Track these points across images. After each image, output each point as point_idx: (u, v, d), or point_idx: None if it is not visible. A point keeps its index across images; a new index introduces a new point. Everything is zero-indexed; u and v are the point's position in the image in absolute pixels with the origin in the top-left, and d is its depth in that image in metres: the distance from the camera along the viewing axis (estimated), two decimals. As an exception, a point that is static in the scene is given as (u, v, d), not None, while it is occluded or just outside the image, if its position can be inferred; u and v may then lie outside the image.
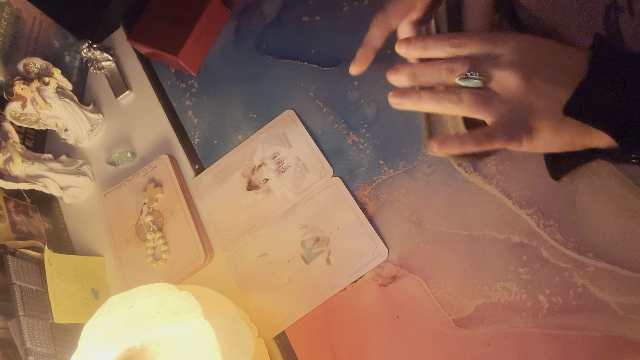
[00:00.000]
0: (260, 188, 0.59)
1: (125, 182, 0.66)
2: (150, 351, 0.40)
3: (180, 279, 0.58)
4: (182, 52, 0.65)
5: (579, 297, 0.43)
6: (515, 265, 0.45)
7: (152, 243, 0.60)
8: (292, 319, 0.52)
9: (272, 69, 0.64)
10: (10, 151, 0.61)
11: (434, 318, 0.47)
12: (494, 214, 0.48)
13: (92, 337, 0.41)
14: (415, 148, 0.53)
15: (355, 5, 0.62)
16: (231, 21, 0.70)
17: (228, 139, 0.63)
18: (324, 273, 0.52)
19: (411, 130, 0.54)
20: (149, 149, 0.69)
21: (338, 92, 0.59)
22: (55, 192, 0.66)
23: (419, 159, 0.53)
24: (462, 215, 0.49)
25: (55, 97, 0.65)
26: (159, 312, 0.41)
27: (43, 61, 0.65)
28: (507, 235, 0.47)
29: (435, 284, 0.48)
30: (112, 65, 0.75)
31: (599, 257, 0.43)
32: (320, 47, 0.62)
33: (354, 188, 0.55)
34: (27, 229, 0.62)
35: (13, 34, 0.67)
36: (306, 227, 0.55)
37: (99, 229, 0.66)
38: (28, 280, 0.54)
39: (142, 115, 0.71)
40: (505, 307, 0.45)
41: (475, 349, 0.45)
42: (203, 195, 0.61)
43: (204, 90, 0.68)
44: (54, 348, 0.52)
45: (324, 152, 0.57)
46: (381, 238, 0.51)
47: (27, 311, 0.51)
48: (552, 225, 0.45)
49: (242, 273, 0.56)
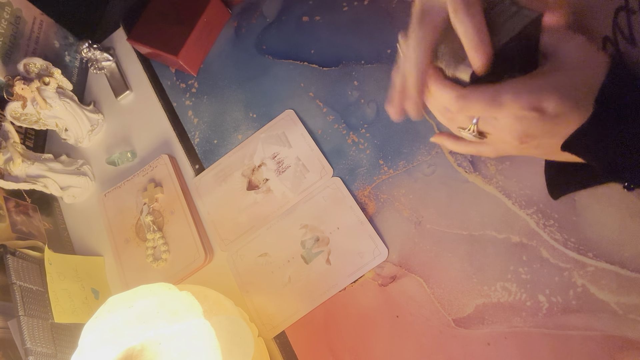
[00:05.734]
0: (260, 188, 0.59)
1: (125, 182, 0.66)
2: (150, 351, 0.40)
3: (180, 278, 0.58)
4: (182, 52, 0.65)
5: (579, 297, 0.43)
6: (515, 265, 0.46)
7: (152, 243, 0.60)
8: (292, 319, 0.52)
9: (272, 69, 0.64)
10: (10, 151, 0.61)
11: (434, 318, 0.47)
12: (494, 214, 0.48)
13: (92, 337, 0.41)
14: (415, 148, 0.53)
15: (355, 5, 0.62)
16: (231, 21, 0.70)
17: (228, 139, 0.63)
18: (324, 273, 0.52)
19: (411, 130, 0.54)
20: (149, 149, 0.69)
21: (338, 92, 0.59)
22: (56, 192, 0.66)
23: (419, 159, 0.53)
24: (462, 215, 0.49)
25: (55, 97, 0.65)
26: (159, 312, 0.41)
27: (43, 61, 0.65)
28: (507, 235, 0.47)
29: (435, 284, 0.48)
30: (112, 65, 0.75)
31: (599, 257, 0.43)
32: (320, 47, 0.62)
33: (353, 188, 0.55)
34: (27, 229, 0.62)
35: (13, 34, 0.67)
36: (306, 227, 0.55)
37: (99, 229, 0.66)
38: (28, 280, 0.54)
39: (142, 115, 0.71)
40: (505, 307, 0.45)
41: (475, 349, 0.45)
42: (203, 195, 0.61)
43: (204, 90, 0.68)
44: (54, 348, 0.52)
45: (324, 152, 0.57)
46: (381, 238, 0.51)
47: (27, 311, 0.51)
48: (552, 225, 0.45)
49: (242, 273, 0.56)
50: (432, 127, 0.53)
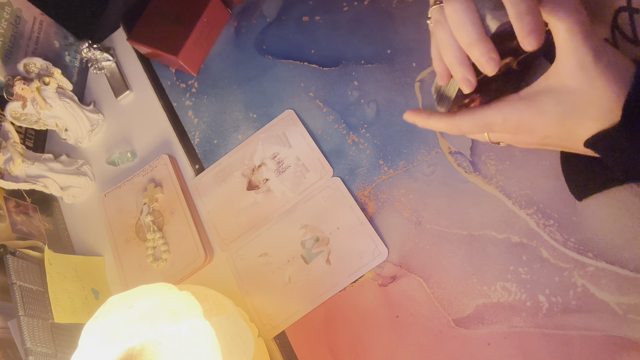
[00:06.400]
0: (260, 188, 0.59)
1: (125, 182, 0.66)
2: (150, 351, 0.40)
3: (180, 278, 0.58)
4: (182, 52, 0.65)
5: (579, 297, 0.43)
6: (515, 265, 0.45)
7: (152, 243, 0.60)
8: (292, 319, 0.52)
9: (272, 69, 0.64)
10: (10, 151, 0.61)
11: (433, 318, 0.47)
12: (494, 214, 0.48)
13: (92, 337, 0.41)
14: (415, 148, 0.53)
15: (355, 5, 0.62)
16: (231, 21, 0.70)
17: (228, 139, 0.63)
18: (324, 273, 0.52)
19: (411, 130, 0.54)
20: (149, 149, 0.69)
21: (338, 92, 0.59)
22: (56, 192, 0.66)
23: (419, 159, 0.53)
24: (461, 215, 0.49)
25: (55, 97, 0.65)
26: (159, 312, 0.41)
27: (43, 61, 0.65)
28: (506, 235, 0.47)
29: (435, 284, 0.48)
30: (112, 65, 0.75)
31: (599, 257, 0.43)
32: (320, 47, 0.62)
33: (353, 188, 0.55)
34: (27, 229, 0.62)
35: (13, 34, 0.67)
36: (306, 227, 0.55)
37: (99, 229, 0.66)
38: (28, 280, 0.54)
39: (142, 115, 0.71)
40: (505, 307, 0.45)
41: (475, 349, 0.45)
42: (203, 195, 0.61)
43: (204, 90, 0.68)
44: (54, 348, 0.52)
45: (324, 152, 0.57)
46: (381, 238, 0.51)
47: (27, 311, 0.51)
48: (552, 225, 0.45)
49: (242, 273, 0.56)
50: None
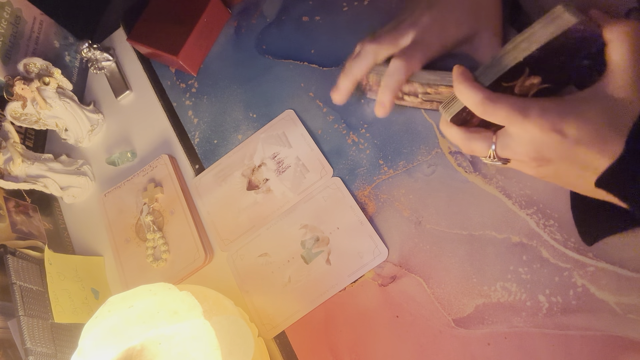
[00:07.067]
0: (260, 188, 0.59)
1: (125, 182, 0.66)
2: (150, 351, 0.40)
3: (180, 278, 0.58)
4: (182, 52, 0.65)
5: (579, 297, 0.43)
6: (515, 265, 0.45)
7: (152, 243, 0.60)
8: (292, 319, 0.52)
9: (272, 69, 0.64)
10: (10, 151, 0.61)
11: (433, 318, 0.47)
12: (494, 214, 0.48)
13: (92, 337, 0.41)
14: (415, 148, 0.53)
15: (355, 5, 0.62)
16: (231, 21, 0.70)
17: (228, 139, 0.63)
18: (324, 273, 0.52)
19: (411, 130, 0.54)
20: (149, 149, 0.69)
21: (338, 92, 0.59)
22: (56, 192, 0.66)
23: (419, 159, 0.53)
24: (461, 215, 0.49)
25: (55, 97, 0.65)
26: (159, 312, 0.41)
27: (43, 61, 0.65)
28: (507, 235, 0.47)
29: (435, 284, 0.48)
30: (112, 65, 0.75)
31: (599, 257, 0.43)
32: (320, 47, 0.62)
33: (353, 188, 0.55)
34: (27, 229, 0.62)
35: (13, 34, 0.67)
36: (306, 227, 0.55)
37: (99, 229, 0.66)
38: (28, 280, 0.54)
39: (142, 115, 0.71)
40: (505, 307, 0.45)
41: (475, 349, 0.45)
42: (203, 195, 0.61)
43: (204, 90, 0.68)
44: (54, 348, 0.52)
45: (324, 152, 0.57)
46: (381, 238, 0.51)
47: (27, 311, 0.51)
48: (552, 225, 0.45)
49: (242, 273, 0.56)
50: (432, 127, 0.53)
